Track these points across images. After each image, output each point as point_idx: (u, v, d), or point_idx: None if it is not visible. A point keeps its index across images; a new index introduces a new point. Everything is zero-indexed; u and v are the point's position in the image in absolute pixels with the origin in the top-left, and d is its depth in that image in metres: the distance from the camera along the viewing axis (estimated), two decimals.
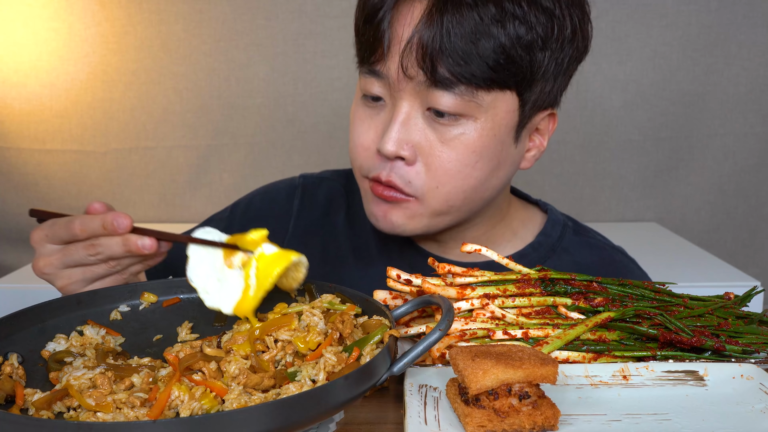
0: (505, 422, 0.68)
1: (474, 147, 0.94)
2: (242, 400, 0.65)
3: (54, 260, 0.87)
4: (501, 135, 0.95)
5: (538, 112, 0.99)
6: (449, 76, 0.89)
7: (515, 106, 0.94)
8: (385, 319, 0.76)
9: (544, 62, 0.92)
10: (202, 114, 2.34)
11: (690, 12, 2.23)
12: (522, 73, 0.91)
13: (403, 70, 0.91)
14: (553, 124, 1.03)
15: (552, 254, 1.11)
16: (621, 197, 2.40)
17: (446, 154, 0.94)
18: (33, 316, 0.81)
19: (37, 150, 2.35)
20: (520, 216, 1.14)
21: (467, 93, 0.90)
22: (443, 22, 0.88)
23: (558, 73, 0.96)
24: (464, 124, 0.93)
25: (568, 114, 2.31)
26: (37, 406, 0.67)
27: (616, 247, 1.18)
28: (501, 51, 0.89)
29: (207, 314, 0.88)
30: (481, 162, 0.95)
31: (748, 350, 0.85)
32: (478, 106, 0.92)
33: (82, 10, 2.26)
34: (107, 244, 0.83)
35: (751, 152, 2.34)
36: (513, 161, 1.00)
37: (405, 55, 0.90)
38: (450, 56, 0.88)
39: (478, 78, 0.89)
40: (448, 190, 0.96)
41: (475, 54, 0.88)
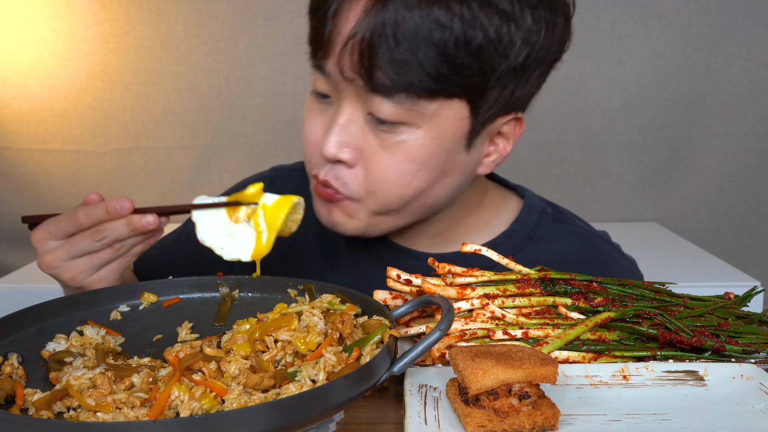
0: (505, 422, 0.68)
1: (414, 156, 0.89)
2: (242, 400, 0.65)
3: (60, 253, 0.89)
4: (447, 144, 0.90)
5: (499, 117, 0.93)
6: (388, 83, 0.84)
7: (465, 114, 0.89)
8: (385, 319, 0.76)
9: (499, 68, 0.86)
10: (202, 114, 2.34)
11: (690, 12, 2.24)
12: (470, 82, 0.85)
13: (341, 72, 0.86)
14: (520, 128, 0.98)
15: (528, 242, 1.07)
16: (621, 197, 2.40)
17: (385, 161, 0.90)
18: (33, 316, 0.81)
19: (37, 150, 2.35)
20: (494, 204, 1.10)
21: (408, 101, 0.85)
22: (382, 24, 0.82)
23: (519, 78, 0.89)
24: (405, 132, 0.88)
25: (568, 114, 2.32)
26: (37, 406, 0.67)
27: (598, 234, 1.13)
28: (444, 59, 0.83)
29: (207, 314, 0.88)
30: (422, 171, 0.91)
31: (748, 350, 0.85)
32: (420, 114, 0.87)
33: (82, 10, 2.26)
34: (112, 227, 0.87)
35: (751, 152, 2.34)
36: (464, 169, 0.95)
37: (342, 57, 0.85)
38: (388, 63, 0.82)
39: (418, 87, 0.84)
40: (385, 196, 0.93)
41: (415, 62, 0.82)
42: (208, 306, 0.89)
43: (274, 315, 0.81)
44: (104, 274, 0.91)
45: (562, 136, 2.34)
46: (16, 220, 2.40)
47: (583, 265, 1.00)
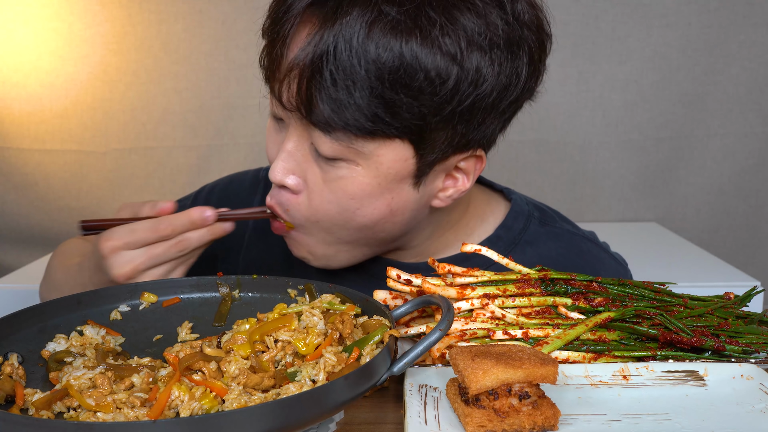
0: (505, 422, 0.68)
1: (353, 194, 0.88)
2: (242, 400, 0.66)
3: (140, 265, 0.91)
4: (388, 184, 0.87)
5: (453, 155, 0.89)
6: (325, 120, 0.83)
7: (408, 154, 0.86)
8: (385, 319, 0.76)
9: (442, 111, 0.82)
10: (202, 114, 2.34)
11: (690, 12, 2.24)
12: (408, 124, 0.83)
13: (282, 103, 0.86)
14: (480, 165, 0.94)
15: (514, 248, 1.05)
16: (621, 197, 2.40)
17: (326, 195, 0.89)
18: (33, 316, 0.81)
19: (37, 150, 2.35)
20: (480, 212, 1.07)
21: (345, 138, 0.84)
22: (320, 59, 0.80)
23: (468, 119, 0.85)
24: (344, 168, 0.87)
25: (568, 113, 2.32)
26: (37, 406, 0.67)
27: (586, 235, 1.11)
28: (380, 101, 0.80)
29: (207, 314, 0.88)
30: (363, 209, 0.89)
31: (748, 350, 0.85)
32: (358, 152, 0.85)
33: (82, 10, 2.26)
34: (195, 237, 0.91)
35: (751, 152, 2.34)
36: (416, 205, 0.92)
37: (284, 89, 0.85)
38: (325, 100, 0.81)
39: (356, 127, 0.82)
40: (329, 227, 0.92)
41: (351, 101, 0.80)
42: (208, 306, 0.89)
43: (274, 315, 0.81)
44: (177, 276, 0.94)
45: (562, 136, 2.34)
46: (17, 220, 2.41)
47: (570, 270, 0.98)
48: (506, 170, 2.35)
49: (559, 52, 2.50)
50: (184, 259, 0.94)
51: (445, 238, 1.05)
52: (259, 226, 1.15)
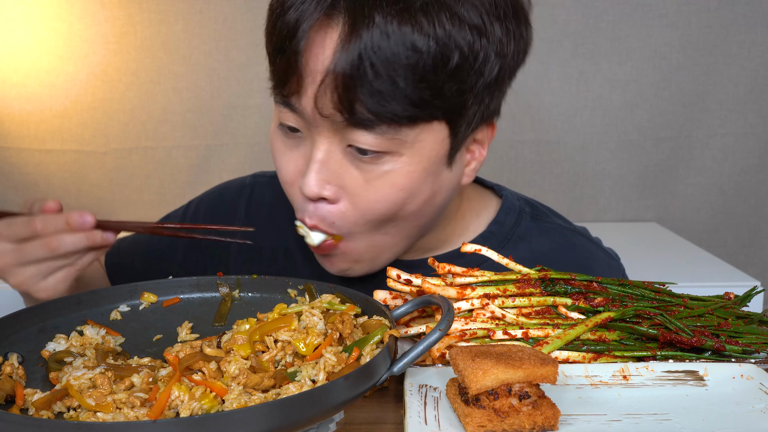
0: (505, 422, 0.68)
1: (402, 185, 0.87)
2: (242, 400, 0.66)
3: (9, 258, 0.88)
4: (431, 167, 0.89)
5: (475, 130, 0.92)
6: (369, 116, 0.82)
7: (445, 134, 0.88)
8: (385, 319, 0.76)
9: (477, 85, 0.85)
10: (202, 114, 2.34)
11: (690, 12, 2.23)
12: (450, 103, 0.85)
13: (318, 111, 0.83)
14: (492, 132, 0.96)
15: (506, 243, 1.06)
16: (621, 197, 2.40)
17: (373, 194, 0.87)
18: (33, 316, 0.81)
19: (37, 150, 2.35)
20: (474, 207, 1.08)
21: (389, 131, 0.83)
22: (359, 57, 0.79)
23: (492, 90, 0.88)
24: (389, 162, 0.86)
25: (568, 113, 2.32)
26: (37, 406, 0.67)
27: (578, 231, 1.12)
28: (425, 84, 0.82)
29: (207, 314, 0.88)
30: (411, 197, 0.89)
31: (748, 350, 0.85)
32: (402, 142, 0.85)
33: (82, 10, 2.26)
34: (70, 241, 0.87)
35: (751, 152, 2.34)
36: (450, 185, 0.94)
37: (319, 95, 0.82)
38: (368, 96, 0.80)
39: (401, 116, 0.82)
40: (378, 225, 0.91)
41: (396, 91, 0.81)
42: (208, 306, 0.89)
43: (274, 315, 0.81)
44: (52, 283, 0.90)
45: (562, 136, 2.34)
46: None
47: (562, 264, 1.00)
48: (506, 170, 2.35)
49: (559, 52, 2.51)
50: (60, 264, 0.88)
51: (446, 232, 1.05)
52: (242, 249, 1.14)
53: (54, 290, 0.90)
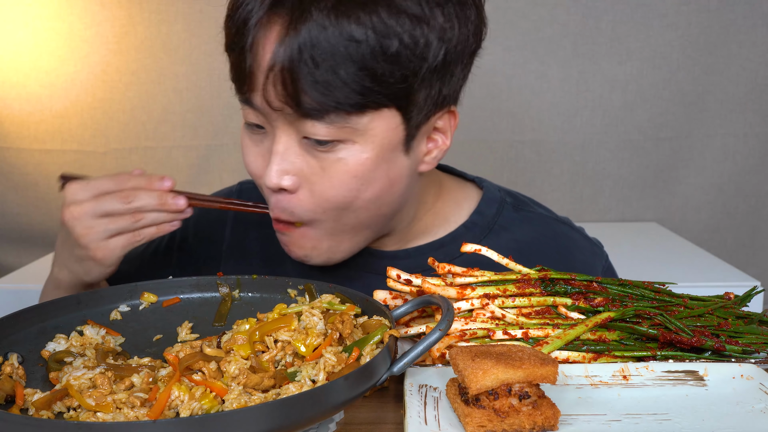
0: (505, 422, 0.68)
1: (356, 173, 0.89)
2: (242, 400, 0.66)
3: (86, 207, 0.93)
4: (386, 154, 0.90)
5: (431, 116, 0.93)
6: (316, 106, 0.84)
7: (397, 121, 0.89)
8: (385, 319, 0.76)
9: (420, 70, 0.86)
10: (202, 114, 2.34)
11: (690, 12, 2.23)
12: (394, 89, 0.86)
13: (268, 104, 0.87)
14: (454, 121, 0.97)
15: (488, 233, 1.07)
16: (621, 197, 2.40)
17: (328, 182, 0.90)
18: (33, 316, 0.81)
19: (37, 150, 2.35)
20: (454, 197, 1.10)
21: (339, 120, 0.86)
22: (299, 50, 0.82)
23: (442, 76, 0.89)
24: (343, 149, 0.88)
25: (568, 113, 2.32)
26: (37, 406, 0.67)
27: (560, 219, 1.14)
28: (365, 72, 0.83)
29: (207, 314, 0.88)
30: (366, 184, 0.90)
31: (748, 350, 0.85)
32: (353, 130, 0.87)
33: (82, 10, 2.26)
34: (143, 196, 0.93)
35: (751, 152, 2.34)
36: (409, 172, 0.95)
37: (267, 89, 0.86)
38: (312, 87, 0.83)
39: (347, 104, 0.85)
40: (335, 215, 0.93)
41: (338, 81, 0.83)
42: (208, 306, 0.89)
43: (274, 315, 0.81)
44: (112, 245, 0.93)
45: (562, 136, 2.34)
46: (17, 220, 2.41)
47: (545, 252, 1.04)
48: (506, 170, 2.35)
49: (559, 52, 2.51)
50: (126, 226, 0.93)
51: (424, 222, 1.07)
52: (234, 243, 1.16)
53: (110, 252, 0.94)
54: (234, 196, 1.19)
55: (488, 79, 2.29)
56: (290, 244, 0.99)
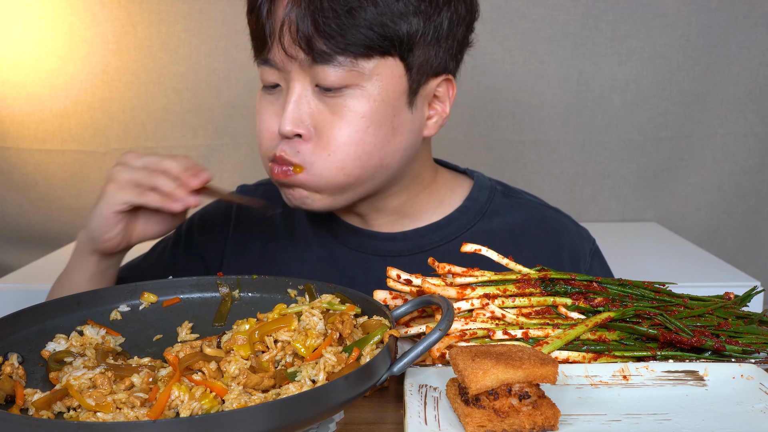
0: (505, 422, 0.68)
1: (363, 113, 0.96)
2: (242, 400, 0.66)
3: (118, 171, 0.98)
4: (391, 100, 0.97)
5: (431, 78, 1.01)
6: (327, 50, 0.92)
7: (401, 71, 0.97)
8: (385, 319, 0.76)
9: (421, 28, 0.95)
10: (202, 114, 2.34)
11: (690, 12, 2.23)
12: (399, 40, 0.94)
13: (284, 52, 0.95)
14: (453, 90, 1.04)
15: (482, 217, 1.13)
16: (621, 197, 2.39)
17: (337, 124, 0.96)
18: (33, 316, 0.81)
19: (37, 150, 2.35)
20: (449, 184, 1.16)
21: (348, 63, 0.93)
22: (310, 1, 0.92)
23: (440, 38, 0.98)
24: (351, 94, 0.96)
25: (568, 114, 2.32)
26: (37, 406, 0.67)
27: (549, 205, 1.20)
28: (373, 21, 0.92)
29: (207, 314, 0.88)
30: (372, 127, 0.97)
31: (748, 350, 0.85)
32: (360, 74, 0.95)
33: (82, 10, 2.26)
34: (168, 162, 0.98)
35: (751, 152, 2.34)
36: (412, 128, 1.02)
37: (283, 37, 0.94)
38: (324, 31, 0.91)
39: (355, 48, 0.93)
40: (341, 157, 0.97)
41: (348, 26, 0.91)
42: (208, 306, 0.89)
43: (274, 315, 0.81)
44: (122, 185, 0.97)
45: (562, 136, 2.33)
46: (17, 220, 2.41)
47: (535, 234, 1.11)
48: (506, 170, 2.35)
49: (559, 52, 2.51)
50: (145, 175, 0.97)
51: (419, 200, 1.12)
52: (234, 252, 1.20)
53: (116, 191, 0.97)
54: (234, 205, 1.23)
55: (488, 79, 2.29)
56: (290, 192, 1.03)
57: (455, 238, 1.10)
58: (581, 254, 1.14)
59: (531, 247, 1.11)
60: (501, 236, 1.11)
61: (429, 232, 1.10)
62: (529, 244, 1.12)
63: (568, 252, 1.13)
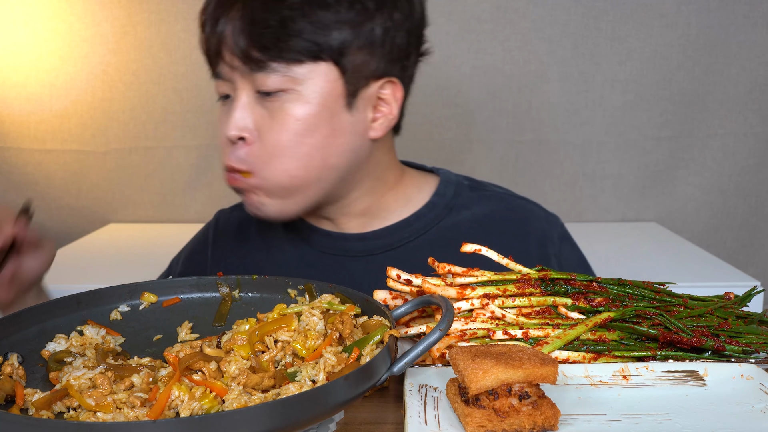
0: (505, 422, 0.68)
1: (299, 116, 1.00)
2: (242, 400, 0.66)
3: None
4: (327, 103, 1.01)
5: (371, 81, 1.03)
6: (262, 58, 0.98)
7: (335, 75, 1.00)
8: (385, 319, 0.76)
9: (351, 36, 0.99)
10: (202, 114, 2.34)
11: (690, 12, 2.23)
12: (329, 47, 0.98)
13: (226, 64, 1.01)
14: (399, 92, 1.06)
15: (450, 212, 1.16)
16: (621, 197, 2.39)
17: (276, 128, 1.01)
18: (33, 316, 0.81)
19: (37, 150, 2.35)
20: (415, 183, 1.19)
21: (281, 69, 0.98)
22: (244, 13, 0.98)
23: (374, 44, 1.01)
24: (287, 98, 1.00)
25: (568, 113, 2.32)
26: (37, 406, 0.67)
27: (517, 196, 1.23)
28: (304, 30, 0.97)
29: (207, 314, 0.88)
30: (309, 130, 1.01)
31: (748, 350, 0.85)
32: (295, 79, 0.99)
33: (82, 10, 2.26)
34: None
35: (751, 152, 2.34)
36: (353, 130, 1.04)
37: (225, 51, 1.01)
38: (258, 42, 0.97)
39: (287, 54, 0.97)
40: (282, 161, 1.02)
41: (281, 36, 0.97)
42: (208, 306, 0.89)
43: (274, 315, 0.81)
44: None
45: (562, 136, 2.33)
46: None
47: (502, 223, 1.14)
48: (506, 170, 2.35)
49: (559, 52, 2.51)
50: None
51: (385, 200, 1.15)
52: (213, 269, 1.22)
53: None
54: (212, 231, 1.27)
55: (488, 79, 2.29)
56: (246, 198, 1.07)
57: (425, 233, 1.14)
58: (549, 238, 1.17)
59: (498, 236, 1.14)
60: (469, 228, 1.14)
61: (398, 230, 1.14)
62: (496, 233, 1.14)
63: (534, 237, 1.16)
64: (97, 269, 1.96)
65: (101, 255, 2.10)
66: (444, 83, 2.27)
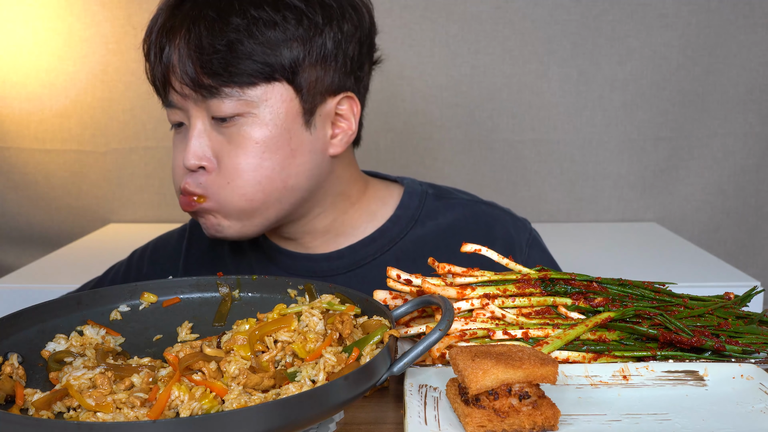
0: (505, 422, 0.68)
1: (257, 139, 0.99)
2: (242, 400, 0.66)
3: None
4: (284, 123, 0.99)
5: (328, 97, 1.02)
6: (213, 84, 0.96)
7: (291, 95, 0.99)
8: (385, 319, 0.76)
9: (302, 53, 0.98)
10: None
11: (690, 12, 2.23)
12: (281, 67, 0.97)
13: (177, 92, 0.99)
14: (357, 107, 1.06)
15: (414, 224, 1.15)
16: (621, 197, 2.40)
17: (234, 152, 0.99)
18: (33, 316, 0.81)
19: (37, 150, 2.35)
20: (380, 195, 1.17)
21: (235, 93, 0.97)
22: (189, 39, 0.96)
23: (327, 59, 1.00)
24: (244, 122, 0.98)
25: (568, 113, 2.32)
26: (37, 406, 0.67)
27: (485, 202, 1.21)
28: (253, 52, 0.96)
29: (207, 314, 0.88)
30: (269, 152, 0.99)
31: (748, 350, 0.85)
32: (250, 102, 0.98)
33: (82, 10, 2.26)
34: None
35: (751, 152, 2.34)
36: (313, 148, 1.03)
37: (174, 79, 0.98)
38: (207, 68, 0.95)
39: (239, 78, 0.96)
40: (240, 184, 0.99)
41: (230, 60, 0.95)
42: (208, 306, 0.89)
43: (274, 315, 0.81)
44: None
45: (562, 136, 2.34)
46: (17, 219, 2.41)
47: (468, 231, 1.13)
48: (506, 170, 2.35)
49: (559, 52, 2.51)
50: None
51: (349, 216, 1.13)
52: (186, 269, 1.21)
53: None
54: (187, 234, 1.25)
55: (488, 79, 2.29)
56: (204, 221, 1.05)
57: (389, 249, 1.12)
58: (516, 245, 1.16)
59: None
60: (434, 239, 1.13)
61: (363, 247, 1.12)
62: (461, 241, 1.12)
63: (501, 242, 1.15)
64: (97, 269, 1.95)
65: (101, 255, 2.10)
66: (444, 83, 2.27)
